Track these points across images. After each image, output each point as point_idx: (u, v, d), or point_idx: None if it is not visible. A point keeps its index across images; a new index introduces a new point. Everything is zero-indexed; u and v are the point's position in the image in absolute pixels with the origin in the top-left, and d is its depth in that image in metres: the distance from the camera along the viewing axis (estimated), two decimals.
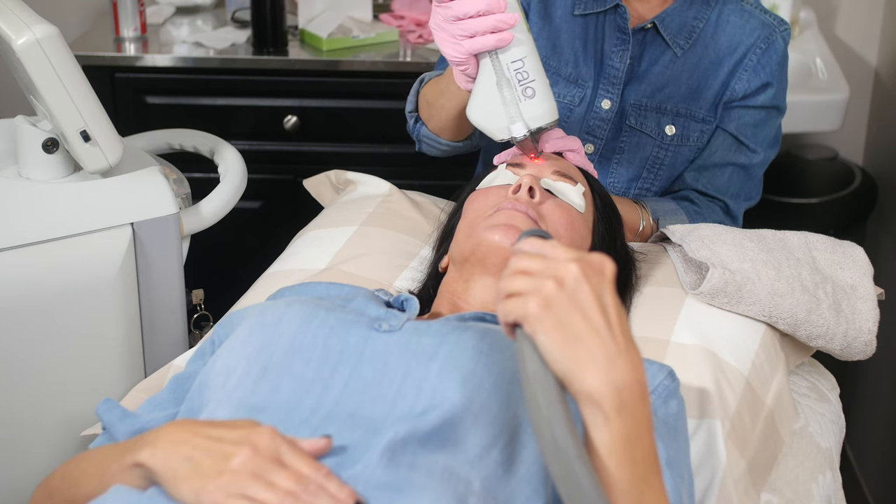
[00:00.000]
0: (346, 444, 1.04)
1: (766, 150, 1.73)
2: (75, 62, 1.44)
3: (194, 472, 0.99)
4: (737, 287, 1.45)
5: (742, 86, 1.69)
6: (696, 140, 1.71)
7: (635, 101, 1.70)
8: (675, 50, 1.68)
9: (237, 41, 2.50)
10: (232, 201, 1.70)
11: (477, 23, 1.28)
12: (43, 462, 1.47)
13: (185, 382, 1.29)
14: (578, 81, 1.71)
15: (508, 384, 1.09)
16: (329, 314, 1.19)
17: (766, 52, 1.69)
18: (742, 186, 1.74)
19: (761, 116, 1.71)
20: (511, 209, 1.33)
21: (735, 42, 1.69)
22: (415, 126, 1.68)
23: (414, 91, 1.68)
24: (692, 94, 1.70)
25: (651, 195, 1.74)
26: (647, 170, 1.72)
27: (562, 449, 0.87)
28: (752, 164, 1.73)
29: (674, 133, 1.70)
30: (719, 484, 1.31)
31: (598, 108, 1.70)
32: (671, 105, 1.70)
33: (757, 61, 1.69)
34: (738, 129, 1.71)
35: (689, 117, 1.70)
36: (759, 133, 1.72)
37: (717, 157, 1.72)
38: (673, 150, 1.71)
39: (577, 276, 0.92)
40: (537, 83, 1.34)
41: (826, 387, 1.61)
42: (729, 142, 1.71)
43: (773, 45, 1.69)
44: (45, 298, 1.46)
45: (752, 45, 1.69)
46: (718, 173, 1.72)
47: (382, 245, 1.63)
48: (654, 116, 1.70)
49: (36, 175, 1.52)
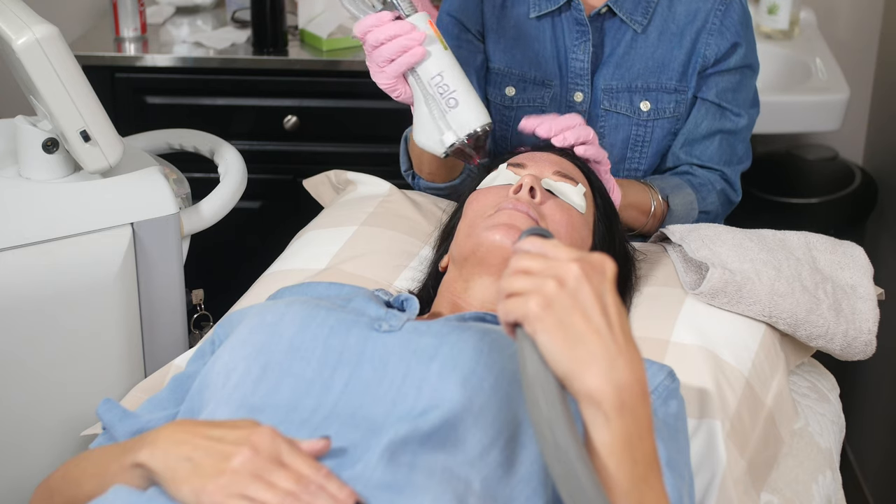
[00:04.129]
0: (346, 444, 1.04)
1: (748, 112, 1.75)
2: (75, 62, 1.44)
3: (194, 472, 0.99)
4: (737, 287, 1.45)
5: (711, 51, 1.70)
6: (673, 111, 1.72)
7: (605, 86, 1.71)
8: (634, 27, 1.69)
9: (237, 41, 2.50)
10: (232, 201, 1.70)
11: (389, 47, 1.39)
12: (43, 462, 1.47)
13: (185, 382, 1.29)
14: (545, 82, 1.72)
15: (508, 384, 1.09)
16: (329, 314, 1.19)
17: (727, 14, 1.70)
18: (733, 152, 1.76)
19: (737, 79, 1.73)
20: (512, 209, 1.33)
21: (693, 9, 1.70)
22: (414, 182, 1.75)
23: (403, 150, 1.73)
24: (659, 67, 1.71)
25: (641, 175, 1.75)
26: (630, 149, 1.73)
27: (562, 449, 0.87)
28: (739, 128, 1.75)
29: (649, 108, 1.71)
30: (719, 484, 1.31)
31: (571, 102, 1.72)
32: (640, 82, 1.71)
33: (720, 24, 1.70)
34: (718, 95, 1.72)
35: (660, 90, 1.71)
36: (738, 96, 1.73)
37: (703, 128, 1.73)
38: (651, 125, 1.72)
39: (578, 276, 0.92)
40: (458, 93, 1.39)
41: (826, 387, 1.61)
42: (713, 111, 1.73)
43: (731, 6, 1.70)
44: (45, 298, 1.45)
45: (711, 10, 1.70)
46: (708, 144, 1.74)
47: (382, 245, 1.63)
48: (626, 96, 1.71)
49: (36, 175, 1.52)
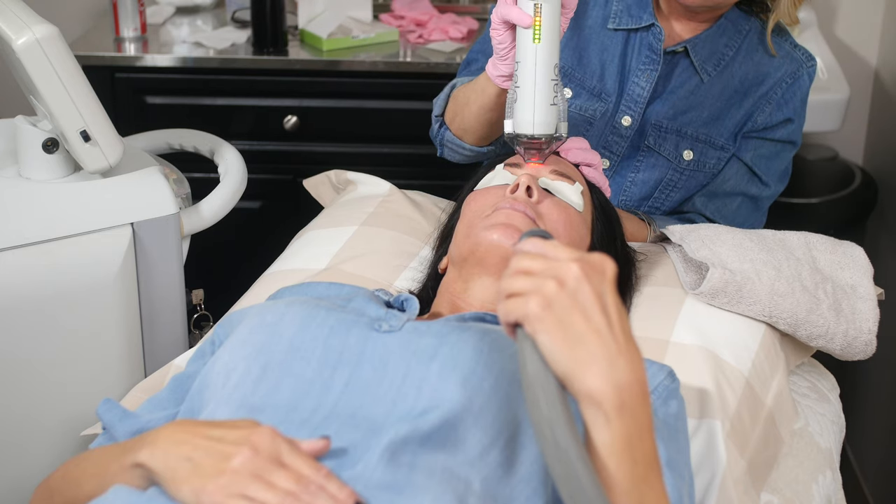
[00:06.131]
0: (346, 444, 1.04)
1: (776, 184, 1.74)
2: (75, 62, 1.44)
3: (194, 472, 0.99)
4: (737, 287, 1.45)
5: (763, 118, 1.68)
6: (713, 167, 1.71)
7: (656, 122, 1.69)
8: (702, 76, 1.67)
9: (237, 41, 2.50)
10: (232, 201, 1.70)
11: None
12: (43, 462, 1.47)
13: (185, 382, 1.29)
14: (602, 95, 1.69)
15: (508, 384, 1.09)
16: (329, 314, 1.19)
17: (791, 88, 1.68)
18: (748, 217, 1.74)
19: (777, 150, 1.71)
20: (509, 209, 1.33)
21: (762, 74, 1.68)
22: (439, 130, 1.68)
23: (444, 95, 1.68)
24: (714, 120, 1.69)
25: (659, 214, 1.74)
26: (659, 191, 1.72)
27: (562, 449, 0.87)
28: (762, 197, 1.73)
29: (691, 158, 1.69)
30: (719, 484, 1.31)
31: (617, 125, 1.69)
32: (691, 130, 1.69)
33: (781, 95, 1.68)
34: (753, 160, 1.70)
35: (707, 144, 1.69)
36: (772, 166, 1.71)
37: (728, 186, 1.72)
38: (688, 175, 1.71)
39: (578, 276, 0.92)
40: (522, 90, 1.35)
41: (826, 387, 1.61)
42: (742, 171, 1.71)
43: (799, 81, 1.69)
44: (45, 298, 1.45)
45: (779, 80, 1.68)
46: (728, 202, 1.72)
47: (382, 245, 1.63)
48: (672, 139, 1.69)
49: (36, 175, 1.52)
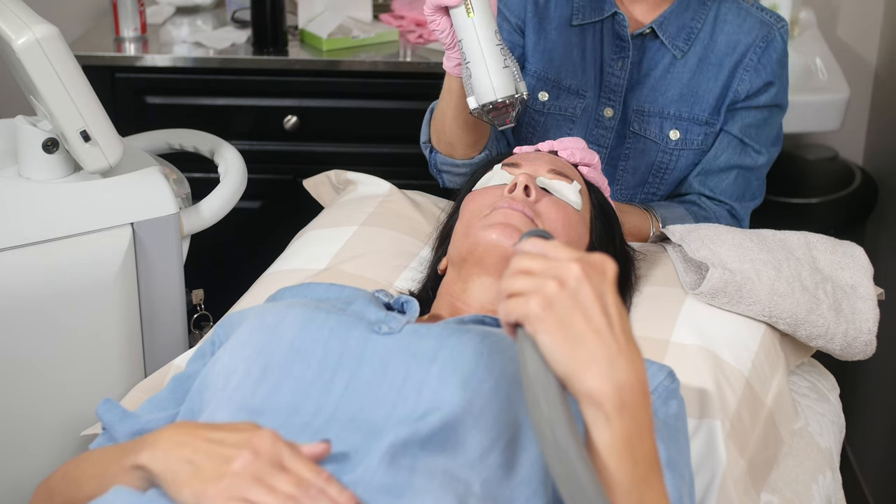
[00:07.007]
0: (346, 447, 1.04)
1: (769, 150, 1.73)
2: (75, 62, 1.44)
3: (195, 474, 0.99)
4: (737, 287, 1.45)
5: (744, 87, 1.68)
6: (701, 143, 1.71)
7: (637, 107, 1.69)
8: (674, 52, 1.68)
9: (237, 41, 2.50)
10: (232, 201, 1.70)
11: None
12: (43, 462, 1.47)
13: (185, 383, 1.29)
14: (580, 92, 1.70)
15: (508, 386, 1.09)
16: (329, 316, 1.19)
17: (766, 51, 1.68)
18: (747, 188, 1.74)
19: (764, 116, 1.71)
20: (507, 208, 1.33)
21: (733, 42, 1.68)
22: (430, 156, 1.70)
23: (426, 121, 1.69)
24: (693, 96, 1.69)
25: (657, 199, 1.74)
26: (652, 175, 1.72)
27: (563, 449, 0.87)
28: (757, 166, 1.73)
29: (678, 137, 1.69)
30: (719, 484, 1.31)
31: (600, 117, 1.69)
32: (673, 109, 1.69)
33: (757, 60, 1.68)
34: (742, 130, 1.70)
35: (691, 121, 1.70)
36: (762, 133, 1.71)
37: (721, 161, 1.71)
38: (678, 155, 1.71)
39: (578, 276, 0.92)
40: (472, 64, 1.41)
41: (826, 387, 1.61)
42: (734, 144, 1.71)
43: (773, 44, 1.68)
44: (45, 298, 1.45)
45: (751, 45, 1.68)
46: (724, 177, 1.72)
47: (382, 245, 1.63)
48: (656, 121, 1.69)
49: (36, 175, 1.52)
